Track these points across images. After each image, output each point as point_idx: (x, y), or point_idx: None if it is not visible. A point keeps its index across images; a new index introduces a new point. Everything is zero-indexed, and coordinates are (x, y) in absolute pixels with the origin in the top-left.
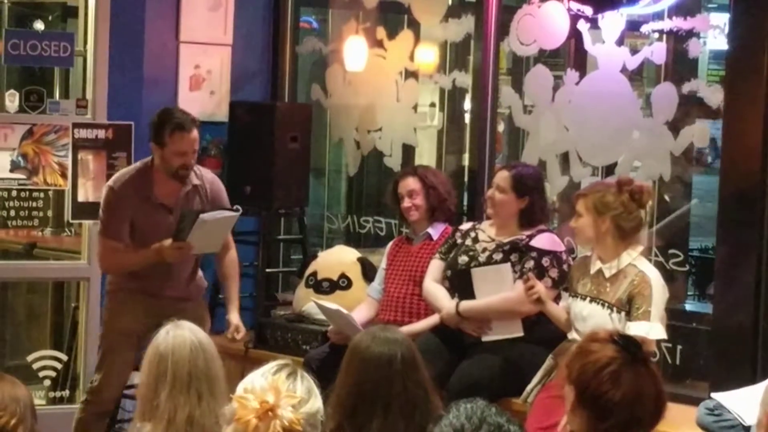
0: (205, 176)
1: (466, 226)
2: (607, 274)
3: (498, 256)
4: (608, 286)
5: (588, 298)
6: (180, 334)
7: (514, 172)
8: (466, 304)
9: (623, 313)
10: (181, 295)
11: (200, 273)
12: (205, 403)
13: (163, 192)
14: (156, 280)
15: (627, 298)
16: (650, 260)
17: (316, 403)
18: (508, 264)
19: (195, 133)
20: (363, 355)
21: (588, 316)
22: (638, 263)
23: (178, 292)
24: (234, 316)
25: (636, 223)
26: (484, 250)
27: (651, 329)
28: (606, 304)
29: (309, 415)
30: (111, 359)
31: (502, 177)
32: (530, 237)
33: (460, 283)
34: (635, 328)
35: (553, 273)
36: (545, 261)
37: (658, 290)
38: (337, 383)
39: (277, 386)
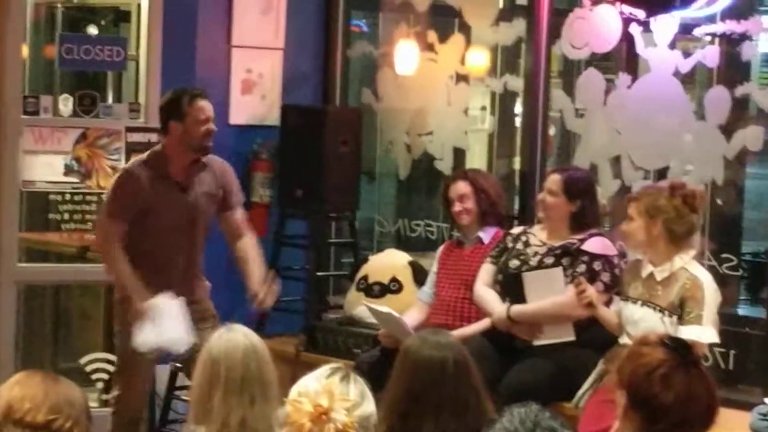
0: (213, 158)
1: (517, 230)
2: (659, 278)
3: (549, 260)
4: (660, 290)
5: (639, 302)
6: (233, 338)
7: (565, 175)
8: (517, 308)
9: (675, 317)
10: (191, 298)
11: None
12: (258, 406)
13: (177, 171)
14: (164, 284)
15: (679, 301)
16: (703, 264)
17: (369, 406)
18: (560, 268)
19: (208, 102)
20: (415, 359)
21: (639, 320)
22: (690, 267)
23: (187, 294)
24: (254, 285)
25: (688, 228)
26: (535, 254)
27: (703, 333)
28: (657, 308)
29: (362, 418)
30: (131, 371)
31: (554, 180)
32: (582, 241)
33: (511, 288)
34: (687, 332)
35: (605, 277)
36: (597, 265)
37: (710, 294)
38: (388, 387)
39: (331, 390)
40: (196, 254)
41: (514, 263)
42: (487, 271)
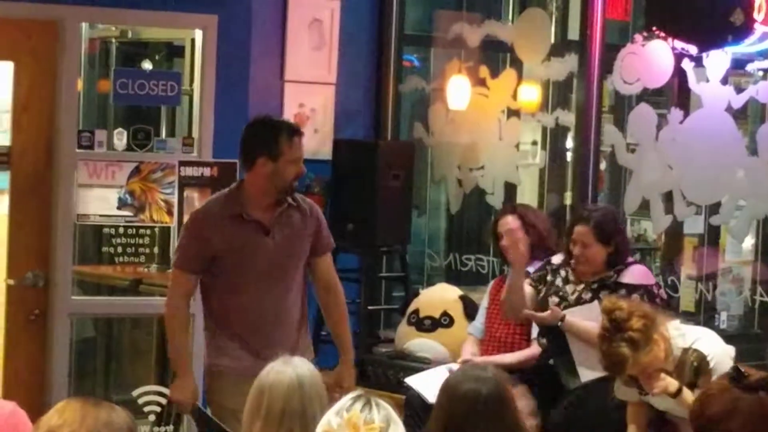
0: (302, 197)
1: (557, 259)
2: (670, 368)
3: (587, 296)
4: (674, 376)
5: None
6: (282, 371)
7: (592, 223)
8: (571, 318)
9: None
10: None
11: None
12: None
13: (256, 210)
14: (263, 343)
15: (694, 376)
16: (755, 300)
17: (397, 429)
18: (596, 303)
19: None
20: (451, 393)
21: (671, 408)
22: (690, 343)
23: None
24: (343, 371)
25: (645, 343)
26: (574, 291)
27: None
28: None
29: None
30: None
31: (583, 233)
32: (618, 273)
33: (551, 325)
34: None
35: None
36: (635, 297)
37: (717, 358)
38: (430, 419)
39: (354, 422)
40: (291, 306)
41: (553, 300)
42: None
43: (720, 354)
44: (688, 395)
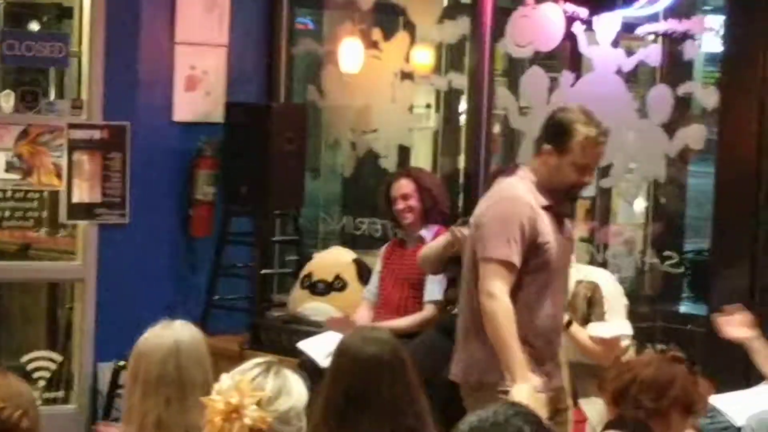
0: None
1: None
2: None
3: None
4: (569, 313)
5: None
6: (161, 335)
7: None
8: None
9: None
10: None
11: None
12: (173, 408)
13: (554, 201)
14: (552, 344)
15: (587, 308)
16: (645, 262)
17: (288, 400)
18: None
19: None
20: (354, 357)
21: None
22: (583, 276)
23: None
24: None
25: None
26: None
27: (609, 329)
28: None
29: (280, 413)
30: None
31: None
32: None
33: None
34: (592, 330)
35: None
36: None
37: (609, 290)
38: (324, 384)
39: (241, 386)
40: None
41: None
42: None
43: (613, 289)
44: (580, 331)
